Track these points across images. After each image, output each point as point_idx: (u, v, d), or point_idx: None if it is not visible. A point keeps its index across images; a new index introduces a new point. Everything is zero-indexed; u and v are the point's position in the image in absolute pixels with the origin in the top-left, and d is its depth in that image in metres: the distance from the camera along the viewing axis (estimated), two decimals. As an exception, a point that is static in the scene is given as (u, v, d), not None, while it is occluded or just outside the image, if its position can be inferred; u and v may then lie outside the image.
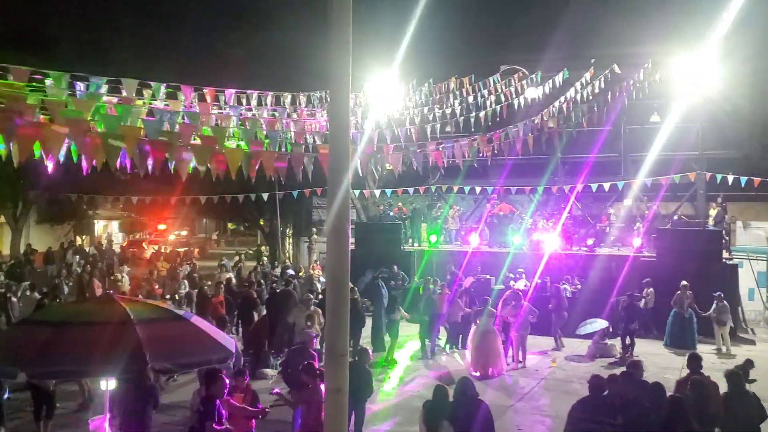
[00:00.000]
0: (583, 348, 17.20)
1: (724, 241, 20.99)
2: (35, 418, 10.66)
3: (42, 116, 8.80)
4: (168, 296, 23.77)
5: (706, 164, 23.85)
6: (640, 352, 16.82)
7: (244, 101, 15.80)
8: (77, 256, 29.71)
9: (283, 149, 14.49)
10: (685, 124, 23.83)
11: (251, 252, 39.21)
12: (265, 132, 13.54)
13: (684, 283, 17.84)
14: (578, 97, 20.95)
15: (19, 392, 11.28)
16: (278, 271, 24.83)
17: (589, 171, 25.13)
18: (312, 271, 24.53)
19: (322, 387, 8.23)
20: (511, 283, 19.20)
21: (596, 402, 8.21)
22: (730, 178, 22.12)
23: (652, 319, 18.48)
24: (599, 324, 16.99)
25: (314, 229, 32.71)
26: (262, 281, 20.84)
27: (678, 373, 13.29)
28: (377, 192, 28.05)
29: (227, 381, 8.59)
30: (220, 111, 14.26)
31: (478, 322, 15.41)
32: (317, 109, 19.51)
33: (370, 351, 10.89)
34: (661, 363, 16.12)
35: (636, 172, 24.52)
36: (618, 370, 15.04)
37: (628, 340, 16.76)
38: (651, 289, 18.25)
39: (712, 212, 22.28)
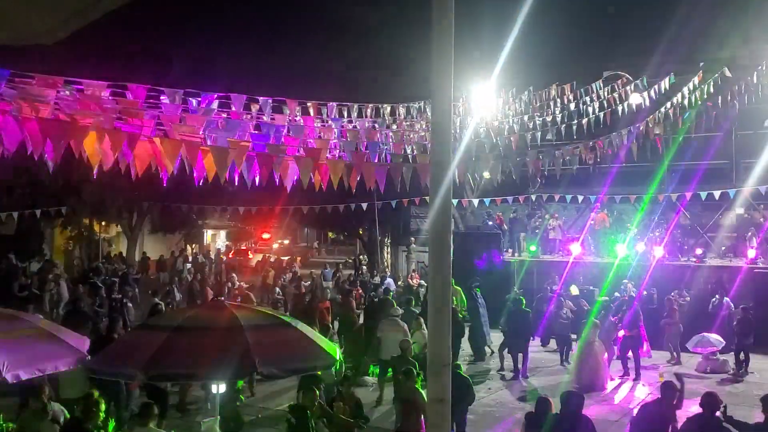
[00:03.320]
0: (693, 363, 16.51)
1: None
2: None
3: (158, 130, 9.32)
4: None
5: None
6: (756, 369, 16.00)
7: (345, 113, 16.13)
8: (188, 264, 31.05)
9: (382, 160, 14.69)
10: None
11: (350, 261, 39.83)
12: (366, 143, 13.78)
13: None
14: (686, 102, 20.15)
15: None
16: (377, 280, 25.08)
17: (698, 179, 24.09)
18: (410, 281, 24.67)
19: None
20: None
21: (707, 421, 7.85)
22: None
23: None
24: (714, 340, 16.26)
25: (412, 239, 32.86)
26: (360, 290, 21.17)
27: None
28: (476, 201, 27.89)
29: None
30: (322, 123, 14.62)
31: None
32: (416, 120, 19.64)
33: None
34: (781, 381, 15.26)
35: (748, 179, 23.28)
36: (731, 387, 14.56)
37: (741, 356, 15.97)
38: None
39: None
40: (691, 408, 8.61)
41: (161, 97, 10.14)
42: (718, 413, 7.83)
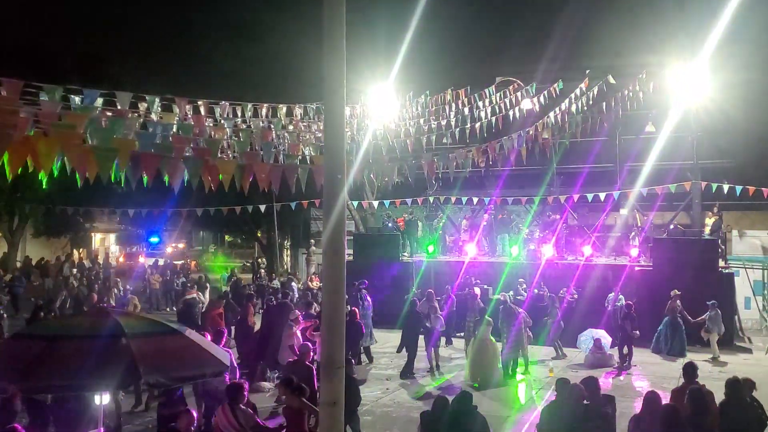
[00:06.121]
0: (581, 357, 17.18)
1: (720, 250, 21.02)
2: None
3: (35, 129, 8.77)
4: (168, 308, 23.76)
5: (701, 174, 24.27)
6: (637, 362, 16.83)
7: (239, 112, 15.78)
8: (74, 269, 29.62)
9: (278, 161, 14.44)
10: (680, 134, 24.01)
11: (248, 264, 39.12)
12: (260, 144, 13.50)
13: (675, 291, 17.98)
14: (573, 108, 20.96)
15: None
16: (276, 283, 24.75)
17: (584, 181, 25.18)
18: (310, 283, 24.49)
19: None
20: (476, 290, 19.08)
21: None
22: (726, 187, 22.15)
23: (650, 329, 18.48)
24: (599, 335, 17.04)
25: (312, 241, 32.65)
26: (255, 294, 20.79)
27: (675, 383, 13.23)
28: (375, 203, 28.02)
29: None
30: (214, 123, 14.23)
31: (476, 332, 15.38)
32: (313, 121, 19.49)
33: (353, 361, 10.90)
34: (658, 372, 16.11)
35: (632, 182, 24.48)
36: (615, 380, 15.25)
37: (625, 350, 16.75)
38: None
39: (709, 221, 22.30)
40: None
41: (39, 94, 9.58)
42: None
